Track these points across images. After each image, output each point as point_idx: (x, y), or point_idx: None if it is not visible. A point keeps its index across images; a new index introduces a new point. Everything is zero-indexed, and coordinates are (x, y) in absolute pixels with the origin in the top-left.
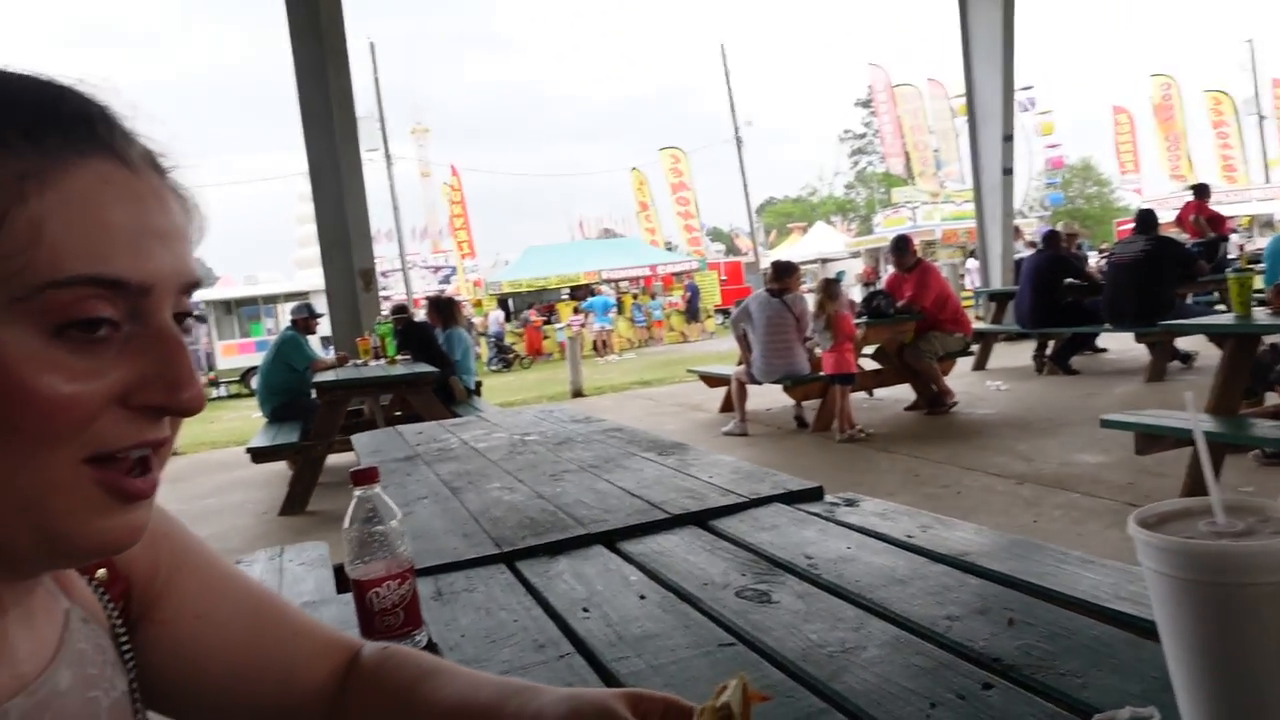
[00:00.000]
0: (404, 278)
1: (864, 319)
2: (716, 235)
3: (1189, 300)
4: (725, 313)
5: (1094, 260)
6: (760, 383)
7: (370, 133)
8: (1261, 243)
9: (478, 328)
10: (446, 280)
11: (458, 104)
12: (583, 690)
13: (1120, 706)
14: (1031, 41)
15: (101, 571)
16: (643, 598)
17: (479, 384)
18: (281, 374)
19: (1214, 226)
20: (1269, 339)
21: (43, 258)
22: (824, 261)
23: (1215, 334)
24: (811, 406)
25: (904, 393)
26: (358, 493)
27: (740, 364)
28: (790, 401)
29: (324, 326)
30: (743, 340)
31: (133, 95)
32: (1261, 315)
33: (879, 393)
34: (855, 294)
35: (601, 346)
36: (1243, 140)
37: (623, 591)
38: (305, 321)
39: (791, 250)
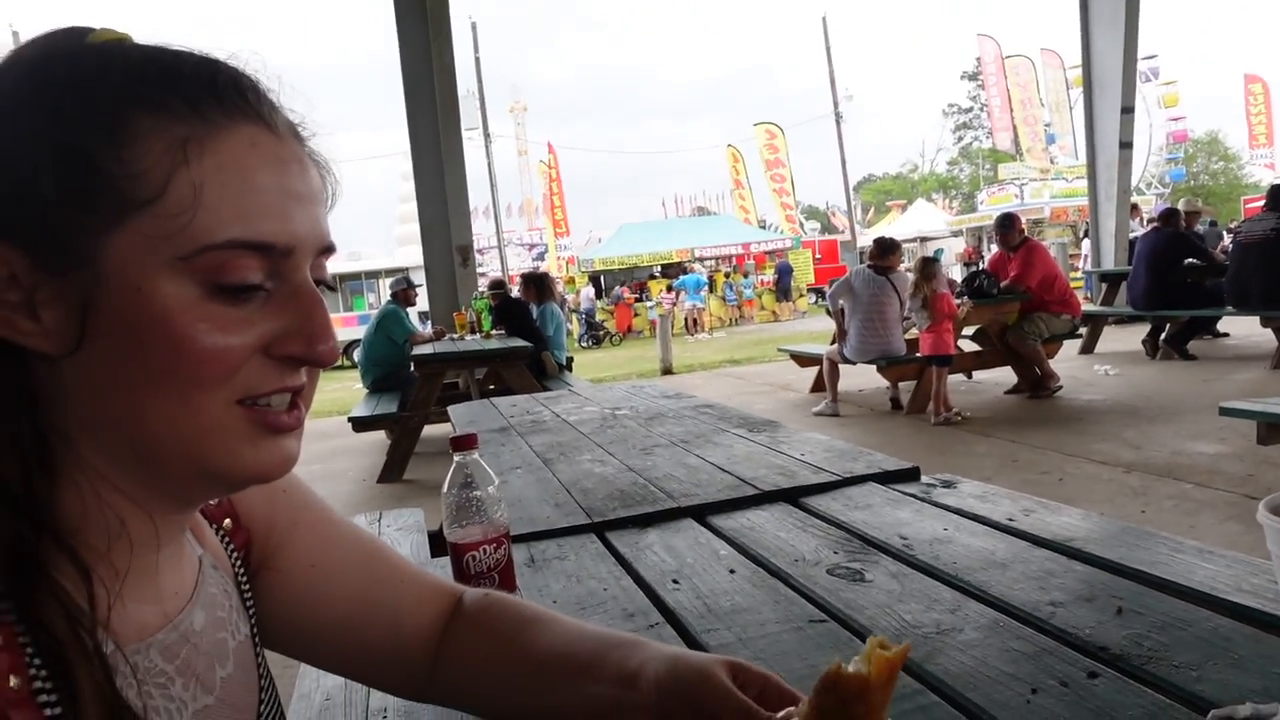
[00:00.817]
0: (500, 254)
1: (965, 299)
2: (812, 213)
3: None
4: (818, 291)
5: (1225, 240)
6: (854, 362)
7: (470, 111)
8: None
9: (570, 304)
10: (540, 257)
11: (554, 83)
12: (686, 651)
13: (1240, 702)
14: (1156, 6)
15: (227, 522)
16: (732, 572)
17: (570, 360)
18: (382, 346)
19: None
20: None
21: (201, 219)
22: (923, 240)
23: None
24: (906, 389)
25: (1005, 376)
26: (457, 458)
27: (833, 343)
28: (884, 383)
29: (423, 301)
30: (839, 316)
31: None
32: None
33: (978, 375)
34: (956, 273)
35: (692, 325)
36: None
37: (712, 565)
38: (404, 293)
39: (890, 228)
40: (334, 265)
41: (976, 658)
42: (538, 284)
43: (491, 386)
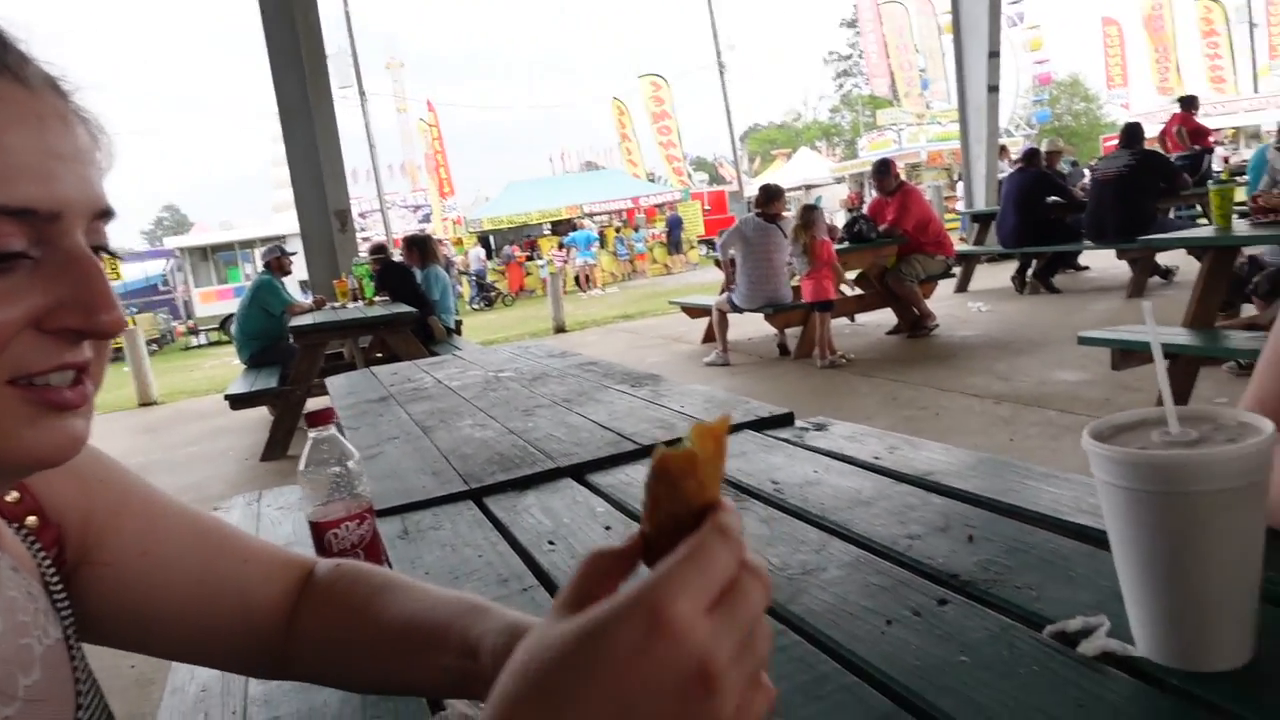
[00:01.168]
0: (383, 217)
1: (845, 244)
2: (700, 165)
3: (1171, 215)
4: (709, 243)
5: (1086, 177)
6: (742, 310)
7: (342, 69)
8: (1247, 154)
9: (459, 266)
10: (426, 219)
11: (433, 40)
12: (524, 618)
13: (1072, 617)
14: None
15: (31, 520)
16: (608, 529)
17: (459, 323)
18: (258, 319)
19: (1196, 139)
20: (1247, 251)
21: None
22: (808, 188)
23: (1194, 247)
24: (794, 335)
25: (886, 317)
26: (313, 434)
27: (722, 293)
28: (772, 330)
29: (301, 270)
30: (729, 265)
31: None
32: (1242, 227)
33: (861, 318)
34: (839, 219)
35: (584, 281)
36: (1233, 50)
37: (589, 523)
38: (278, 261)
39: (776, 176)
40: (206, 236)
41: (838, 594)
42: (420, 247)
43: (379, 355)
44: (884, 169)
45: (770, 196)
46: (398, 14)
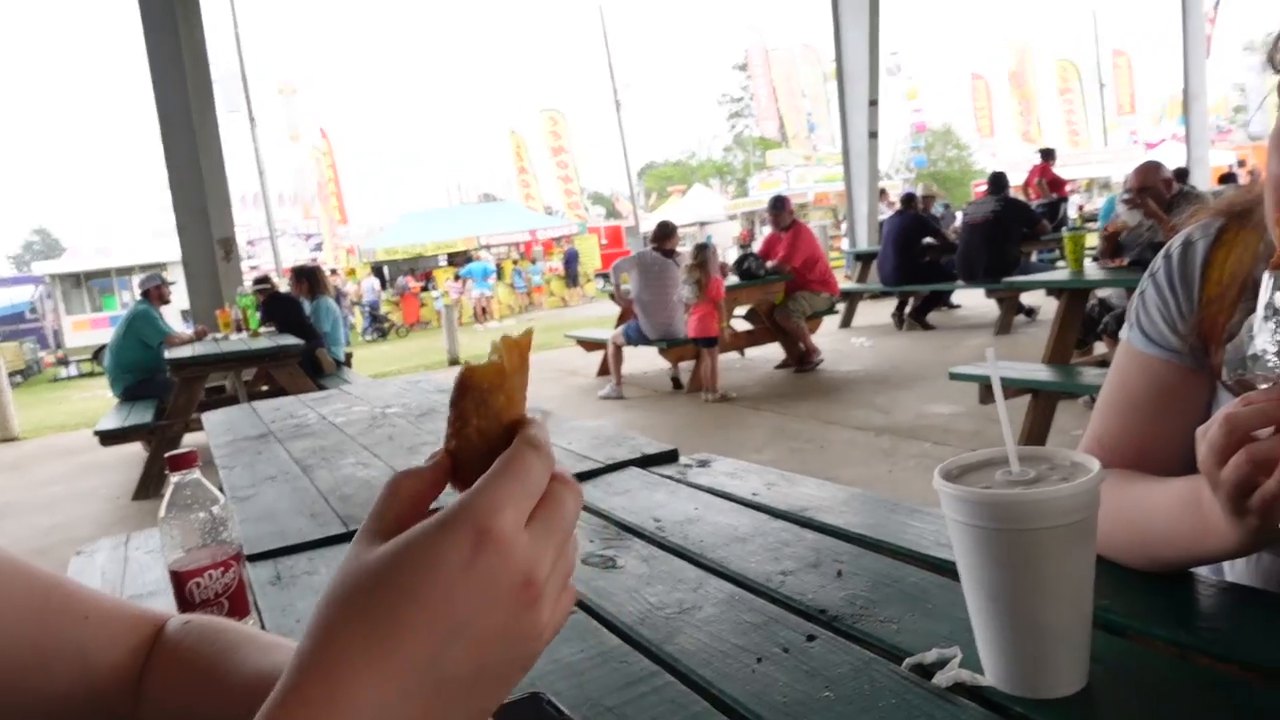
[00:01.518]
0: (272, 246)
1: (735, 280)
2: (597, 199)
3: (1034, 258)
4: (605, 277)
5: (957, 220)
6: (636, 344)
7: (231, 93)
8: (1099, 202)
9: (351, 296)
10: (318, 248)
11: (328, 66)
12: None
13: (929, 649)
14: (898, 8)
15: None
16: None
17: (349, 355)
18: (133, 350)
19: (1055, 188)
20: (1099, 293)
21: None
22: (702, 224)
23: (1053, 288)
24: (687, 368)
25: (775, 352)
26: (174, 478)
27: (618, 325)
28: (666, 364)
29: (182, 299)
30: (623, 294)
31: None
32: (1093, 270)
33: (750, 352)
34: (731, 256)
35: (481, 314)
36: (1085, 106)
37: None
38: (157, 290)
39: (671, 212)
40: (80, 261)
41: (711, 633)
42: (309, 278)
43: (263, 389)
44: (779, 205)
45: (665, 233)
46: (290, 39)
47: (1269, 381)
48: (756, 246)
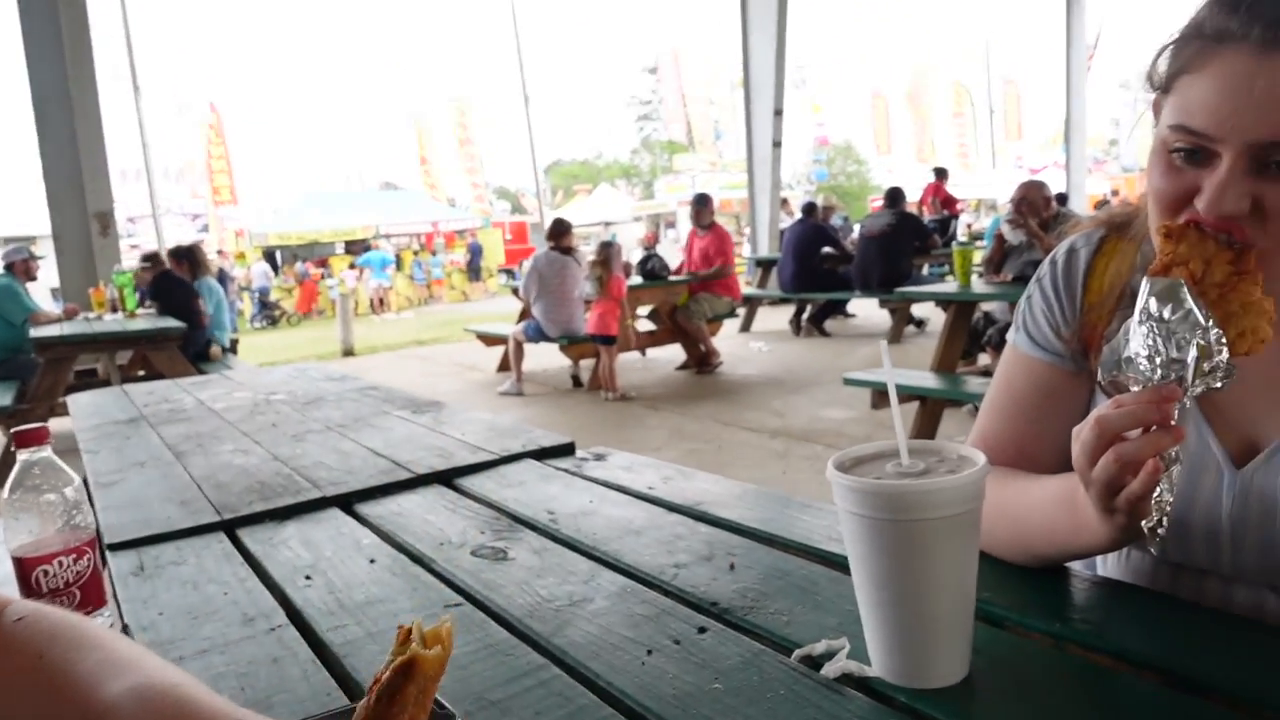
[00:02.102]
0: (155, 223)
1: (639, 280)
2: (503, 194)
3: (925, 271)
4: (509, 272)
5: (855, 232)
6: (537, 341)
7: (115, 57)
8: (985, 222)
9: (240, 281)
10: (205, 229)
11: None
12: (165, 678)
13: (818, 640)
14: (805, 23)
15: None
16: (372, 562)
17: (235, 341)
18: None
19: (946, 206)
20: (984, 306)
21: None
22: (607, 224)
23: (942, 301)
24: (588, 366)
25: (675, 353)
26: (23, 456)
27: (519, 322)
28: (567, 361)
29: (53, 276)
30: (527, 296)
31: None
32: (980, 285)
33: (652, 353)
34: (635, 257)
35: (379, 304)
36: (976, 130)
37: (352, 556)
38: (24, 264)
39: (576, 211)
40: None
41: (602, 626)
42: (188, 257)
43: (140, 373)
44: (703, 202)
45: (560, 230)
46: (182, 5)
47: (1140, 384)
48: (674, 246)
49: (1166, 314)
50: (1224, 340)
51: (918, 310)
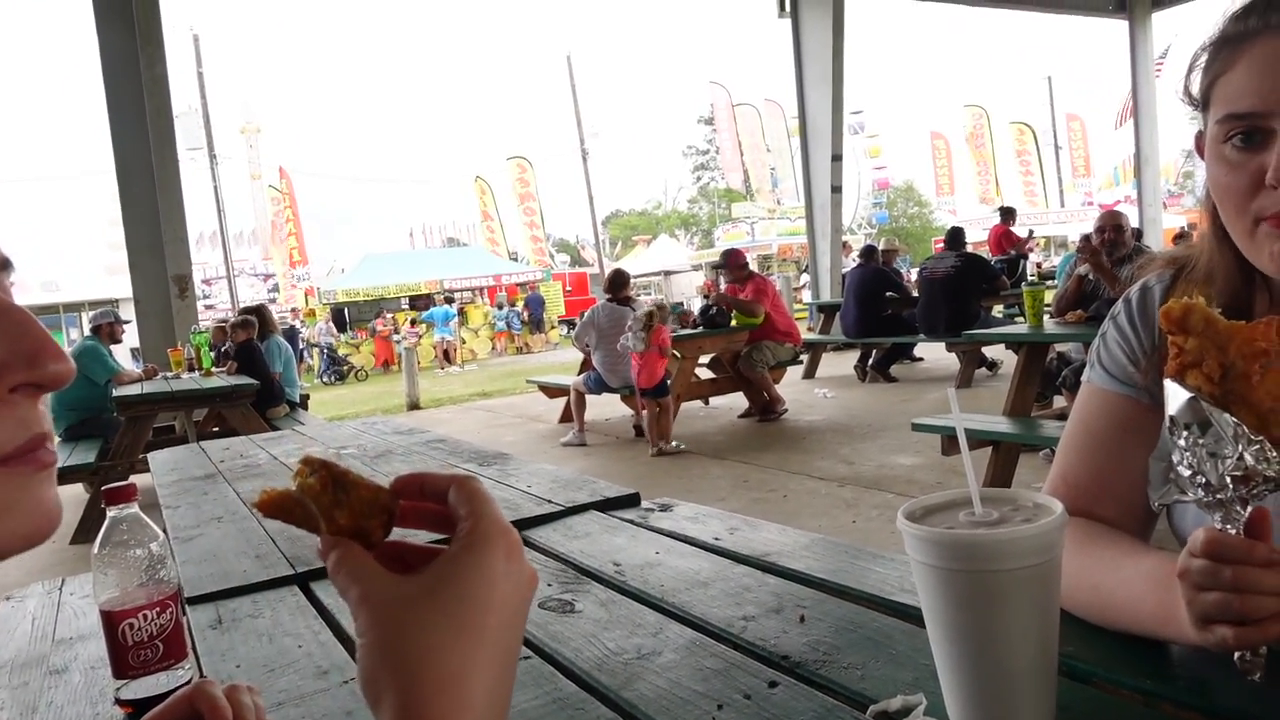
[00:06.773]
0: (229, 285)
1: (700, 329)
2: (563, 246)
3: (994, 312)
4: (569, 323)
5: (911, 275)
6: (599, 392)
7: (192, 130)
8: (1056, 261)
9: (308, 338)
10: (277, 289)
11: (292, 105)
12: None
13: (893, 695)
14: (860, 69)
15: None
16: None
17: (305, 397)
18: (79, 387)
19: (1014, 246)
20: (1057, 347)
21: None
22: (667, 273)
23: (1012, 342)
24: None
25: (738, 401)
26: (111, 513)
27: (580, 373)
28: (629, 411)
29: (134, 337)
30: (586, 348)
31: None
32: (1051, 326)
33: (715, 401)
34: (696, 305)
35: (443, 357)
36: (1042, 168)
37: None
38: (109, 328)
39: (636, 262)
40: (27, 297)
41: (671, 679)
42: (257, 317)
43: (214, 430)
44: (729, 258)
45: (618, 283)
46: (254, 77)
47: (1197, 503)
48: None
49: (1198, 434)
50: (1269, 452)
51: (990, 352)
